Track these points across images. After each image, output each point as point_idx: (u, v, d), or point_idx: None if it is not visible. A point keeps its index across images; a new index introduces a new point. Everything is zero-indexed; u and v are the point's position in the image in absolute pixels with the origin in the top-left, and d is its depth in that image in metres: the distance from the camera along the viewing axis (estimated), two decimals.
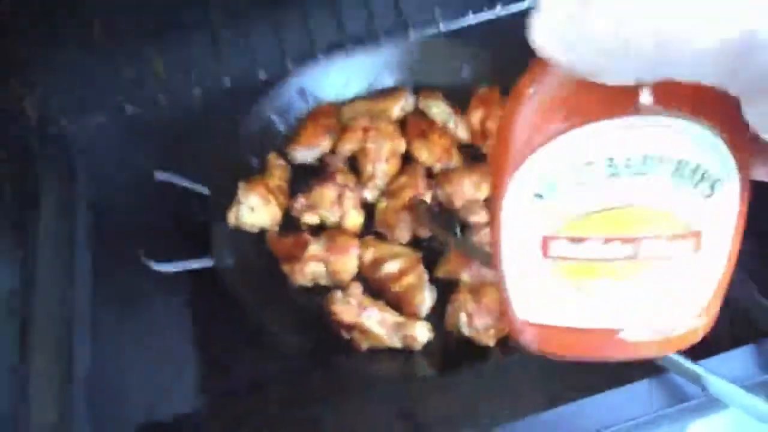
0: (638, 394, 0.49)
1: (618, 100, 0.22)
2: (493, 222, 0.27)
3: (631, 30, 0.19)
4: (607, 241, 0.25)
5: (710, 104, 0.22)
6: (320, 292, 0.68)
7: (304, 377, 0.63)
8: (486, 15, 0.74)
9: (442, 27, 0.74)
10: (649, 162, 0.23)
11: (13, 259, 0.59)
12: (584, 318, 0.27)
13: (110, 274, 0.67)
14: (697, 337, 0.28)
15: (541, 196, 0.25)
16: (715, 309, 0.28)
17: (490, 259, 0.60)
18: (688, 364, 0.47)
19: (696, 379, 0.47)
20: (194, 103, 0.60)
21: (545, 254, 0.26)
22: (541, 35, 0.21)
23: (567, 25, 0.21)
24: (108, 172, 0.69)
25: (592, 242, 0.25)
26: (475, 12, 0.70)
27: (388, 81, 0.86)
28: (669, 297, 0.26)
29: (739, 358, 0.50)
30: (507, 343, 0.62)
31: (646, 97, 0.22)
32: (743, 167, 0.24)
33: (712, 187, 0.24)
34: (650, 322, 0.27)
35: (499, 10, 0.70)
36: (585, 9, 0.20)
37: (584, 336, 0.28)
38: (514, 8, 0.73)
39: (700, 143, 0.23)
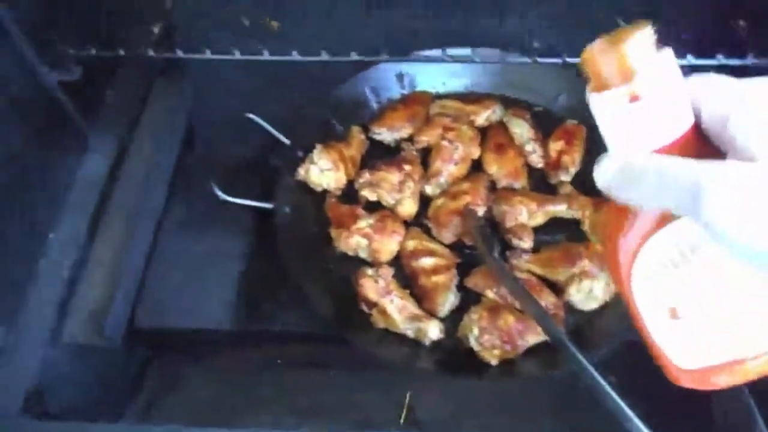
0: None
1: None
2: (629, 302, 0.37)
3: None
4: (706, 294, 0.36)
5: None
6: (357, 264, 0.73)
7: (319, 339, 0.69)
8: None
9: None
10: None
11: (108, 155, 0.67)
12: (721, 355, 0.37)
13: (185, 192, 0.75)
14: None
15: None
16: None
17: (516, 285, 0.63)
18: None
19: None
20: (306, 63, 0.65)
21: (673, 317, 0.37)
22: (606, 180, 0.34)
23: (621, 176, 0.33)
24: (209, 104, 0.76)
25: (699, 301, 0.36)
26: None
27: (485, 86, 0.88)
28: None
29: None
30: (507, 366, 0.65)
31: None
32: None
33: None
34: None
35: None
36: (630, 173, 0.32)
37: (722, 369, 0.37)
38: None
39: None
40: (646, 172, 0.32)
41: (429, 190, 0.78)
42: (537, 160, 0.80)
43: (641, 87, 0.32)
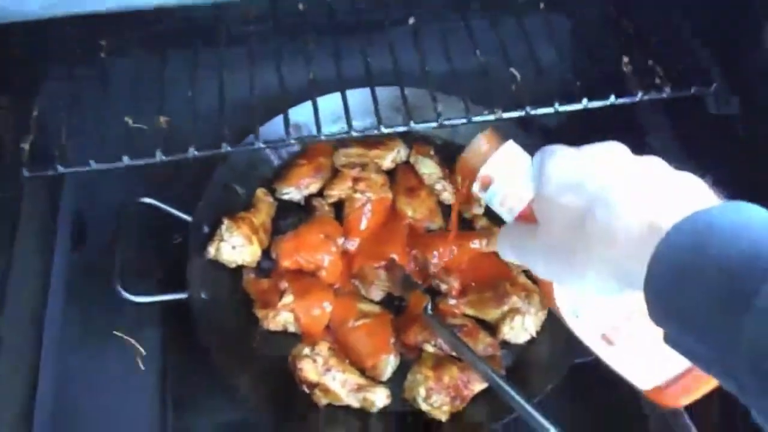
0: None
1: None
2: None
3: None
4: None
5: None
6: (288, 339, 0.70)
7: (260, 427, 0.65)
8: None
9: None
10: None
11: None
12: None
13: (84, 299, 0.68)
14: None
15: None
16: None
17: (450, 334, 0.63)
18: None
19: None
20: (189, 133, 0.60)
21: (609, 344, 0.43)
22: (504, 251, 0.45)
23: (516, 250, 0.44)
24: (93, 193, 0.69)
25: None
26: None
27: (384, 123, 0.86)
28: None
29: None
30: (458, 419, 0.65)
31: None
32: None
33: None
34: None
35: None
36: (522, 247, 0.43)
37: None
38: None
39: None
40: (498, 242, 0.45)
41: (349, 245, 0.76)
42: (448, 197, 0.80)
43: (487, 174, 0.44)
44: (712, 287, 0.30)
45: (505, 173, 0.43)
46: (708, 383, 0.41)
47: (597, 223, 0.36)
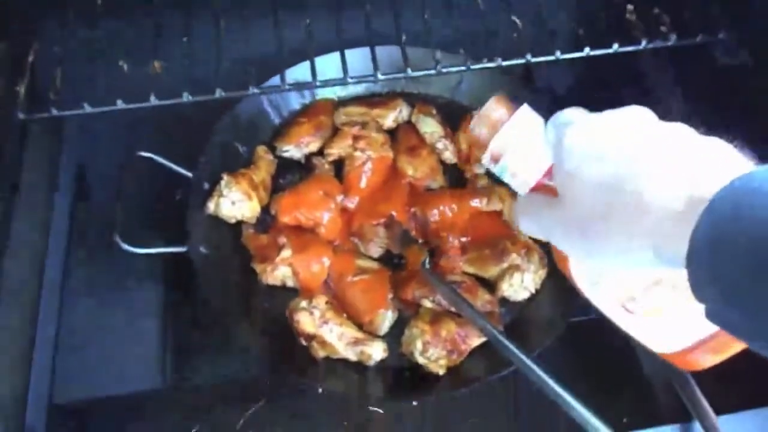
0: None
1: None
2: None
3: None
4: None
5: None
6: (288, 293, 0.70)
7: (259, 379, 0.65)
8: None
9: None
10: None
11: None
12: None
13: (85, 251, 0.68)
14: None
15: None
16: None
17: (449, 290, 0.63)
18: None
19: None
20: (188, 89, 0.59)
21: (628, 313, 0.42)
22: (523, 224, 0.42)
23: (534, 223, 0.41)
24: (94, 149, 0.69)
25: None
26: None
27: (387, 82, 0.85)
28: None
29: None
30: (455, 373, 0.65)
31: None
32: None
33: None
34: None
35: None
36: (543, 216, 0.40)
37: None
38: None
39: None
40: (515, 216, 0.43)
41: (349, 203, 0.75)
42: (450, 157, 0.79)
43: (497, 147, 0.41)
44: (744, 254, 0.29)
45: (517, 145, 0.40)
46: (731, 347, 0.40)
47: (625, 197, 0.34)
